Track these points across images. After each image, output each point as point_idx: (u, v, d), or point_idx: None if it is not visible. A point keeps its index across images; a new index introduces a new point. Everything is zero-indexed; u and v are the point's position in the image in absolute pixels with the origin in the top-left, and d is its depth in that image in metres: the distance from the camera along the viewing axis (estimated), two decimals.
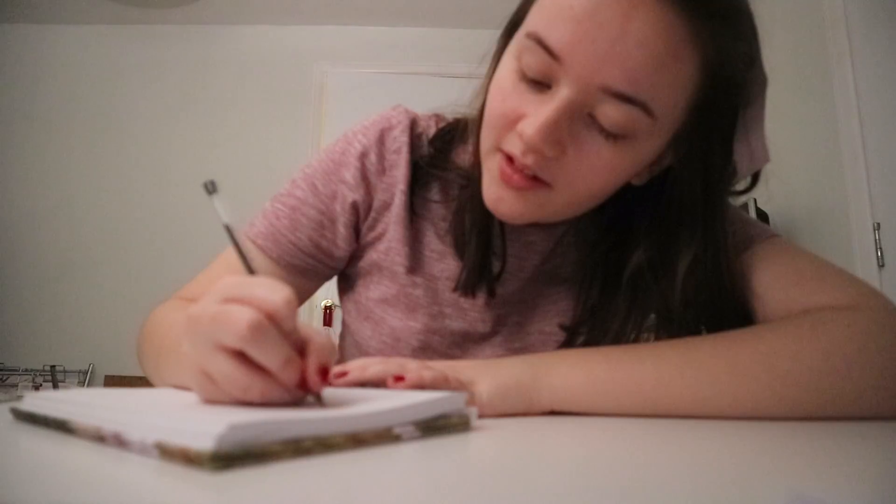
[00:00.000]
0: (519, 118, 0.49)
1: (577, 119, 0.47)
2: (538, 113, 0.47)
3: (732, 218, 0.58)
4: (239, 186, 3.10)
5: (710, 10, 0.45)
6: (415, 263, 0.62)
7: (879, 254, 1.66)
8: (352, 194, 0.61)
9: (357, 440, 0.31)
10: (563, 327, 0.62)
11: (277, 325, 0.32)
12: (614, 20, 0.44)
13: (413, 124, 0.63)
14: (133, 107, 3.20)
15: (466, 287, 0.60)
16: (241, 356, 0.32)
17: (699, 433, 0.42)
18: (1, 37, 3.23)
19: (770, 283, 0.55)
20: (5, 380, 2.80)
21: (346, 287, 0.68)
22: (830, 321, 0.48)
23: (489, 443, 0.36)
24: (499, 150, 0.51)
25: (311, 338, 0.34)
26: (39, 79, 3.21)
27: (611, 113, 0.46)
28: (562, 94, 0.46)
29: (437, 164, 0.61)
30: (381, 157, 0.61)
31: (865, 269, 1.69)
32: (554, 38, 0.46)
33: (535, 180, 0.50)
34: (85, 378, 2.87)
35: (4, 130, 3.16)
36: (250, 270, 0.40)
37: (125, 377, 2.79)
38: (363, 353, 0.63)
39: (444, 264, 0.62)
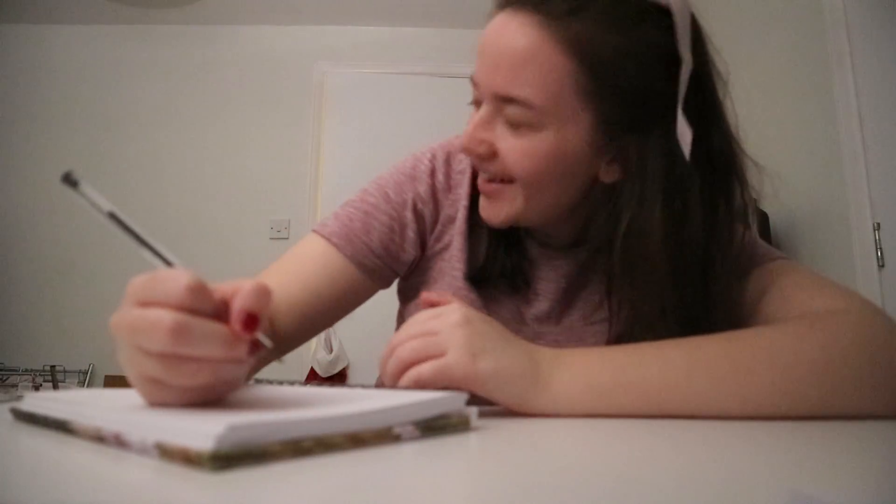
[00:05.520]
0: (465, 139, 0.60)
1: (498, 124, 0.58)
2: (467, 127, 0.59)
3: (753, 241, 0.64)
4: (239, 186, 3.11)
5: (562, 9, 0.53)
6: (471, 272, 0.67)
7: (879, 254, 1.66)
8: (422, 206, 0.68)
9: (357, 440, 0.31)
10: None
11: (196, 313, 0.32)
12: (495, 41, 0.56)
13: None
14: (133, 107, 3.20)
15: (472, 276, 0.66)
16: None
17: (699, 433, 0.42)
18: (1, 37, 3.23)
19: (775, 293, 0.59)
20: (5, 380, 2.80)
21: (410, 295, 0.72)
22: (825, 320, 0.51)
23: (489, 443, 0.36)
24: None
25: (235, 292, 0.34)
26: (39, 79, 3.21)
27: (509, 112, 0.56)
28: (480, 109, 0.58)
29: None
30: (447, 176, 0.69)
31: (865, 269, 1.69)
32: (474, 67, 0.58)
33: (500, 183, 0.59)
34: (85, 378, 2.87)
35: (4, 130, 3.16)
36: (165, 261, 0.40)
37: (125, 377, 2.79)
38: None
39: (491, 287, 0.67)
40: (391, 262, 0.67)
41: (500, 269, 0.66)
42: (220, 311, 0.34)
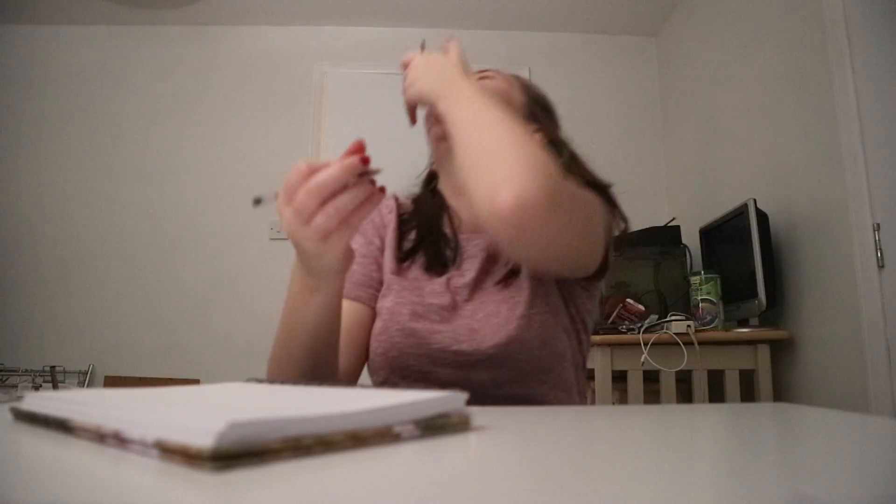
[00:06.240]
0: None
1: None
2: None
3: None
4: (239, 187, 3.11)
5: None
6: (398, 269, 0.88)
7: (879, 254, 1.66)
8: (375, 240, 0.91)
9: (357, 438, 0.31)
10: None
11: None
12: None
13: (396, 199, 0.95)
14: (133, 107, 3.20)
15: (431, 268, 0.86)
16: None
17: (699, 432, 0.42)
18: (1, 37, 3.23)
19: None
20: (5, 380, 2.80)
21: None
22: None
23: (489, 443, 0.36)
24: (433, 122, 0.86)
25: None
26: (39, 79, 3.21)
27: (479, 76, 0.88)
28: None
29: (410, 218, 0.93)
30: (381, 217, 0.93)
31: (865, 270, 1.69)
32: None
33: None
34: (85, 378, 2.87)
35: (4, 130, 3.16)
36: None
37: (125, 377, 2.79)
38: (375, 334, 0.82)
39: (419, 273, 0.88)
40: (375, 284, 0.87)
41: (429, 254, 0.87)
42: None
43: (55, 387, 2.75)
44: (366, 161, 0.57)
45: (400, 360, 0.79)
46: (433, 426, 0.36)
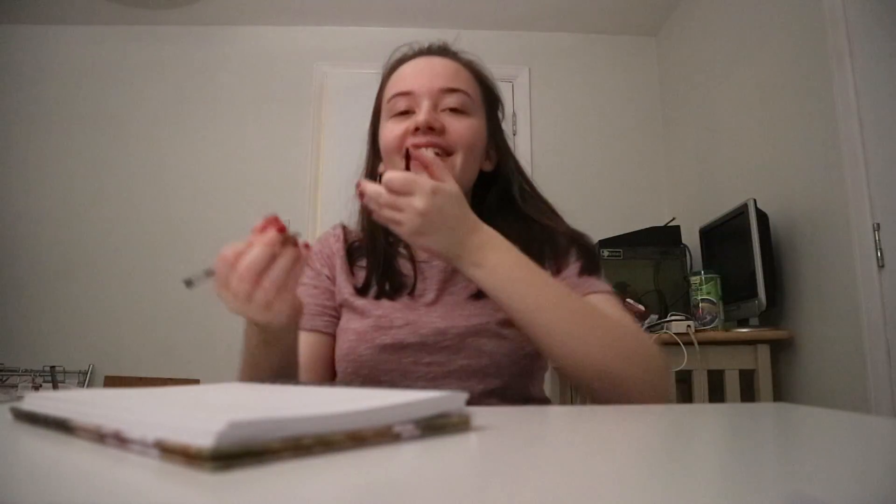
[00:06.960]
0: (406, 133, 0.82)
1: (440, 114, 0.83)
2: (418, 113, 0.82)
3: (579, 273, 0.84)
4: (239, 187, 3.11)
5: (460, 58, 0.90)
6: (357, 292, 0.87)
7: (879, 254, 1.66)
8: (324, 270, 0.91)
9: (357, 438, 0.31)
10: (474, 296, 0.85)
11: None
12: (428, 65, 0.86)
13: (344, 227, 0.96)
14: (133, 107, 3.20)
15: (380, 293, 0.85)
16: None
17: (699, 432, 0.42)
18: (1, 37, 3.23)
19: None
20: (5, 380, 2.80)
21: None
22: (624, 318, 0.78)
23: (489, 442, 0.36)
24: (402, 156, 0.76)
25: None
26: (39, 79, 3.21)
27: (451, 101, 0.84)
28: (424, 103, 0.82)
29: (360, 246, 0.93)
30: (328, 247, 0.94)
31: (865, 270, 1.69)
32: (404, 86, 0.85)
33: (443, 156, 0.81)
34: (85, 378, 2.87)
35: (4, 130, 3.16)
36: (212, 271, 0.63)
37: (125, 377, 2.79)
38: (342, 355, 0.83)
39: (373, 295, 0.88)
40: (329, 311, 0.87)
41: (382, 283, 0.86)
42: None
43: (55, 387, 2.75)
44: (282, 230, 0.60)
45: (371, 377, 0.80)
46: (433, 426, 0.36)
